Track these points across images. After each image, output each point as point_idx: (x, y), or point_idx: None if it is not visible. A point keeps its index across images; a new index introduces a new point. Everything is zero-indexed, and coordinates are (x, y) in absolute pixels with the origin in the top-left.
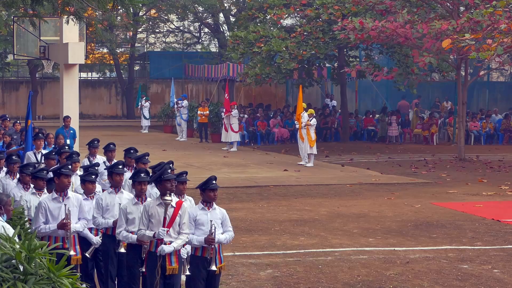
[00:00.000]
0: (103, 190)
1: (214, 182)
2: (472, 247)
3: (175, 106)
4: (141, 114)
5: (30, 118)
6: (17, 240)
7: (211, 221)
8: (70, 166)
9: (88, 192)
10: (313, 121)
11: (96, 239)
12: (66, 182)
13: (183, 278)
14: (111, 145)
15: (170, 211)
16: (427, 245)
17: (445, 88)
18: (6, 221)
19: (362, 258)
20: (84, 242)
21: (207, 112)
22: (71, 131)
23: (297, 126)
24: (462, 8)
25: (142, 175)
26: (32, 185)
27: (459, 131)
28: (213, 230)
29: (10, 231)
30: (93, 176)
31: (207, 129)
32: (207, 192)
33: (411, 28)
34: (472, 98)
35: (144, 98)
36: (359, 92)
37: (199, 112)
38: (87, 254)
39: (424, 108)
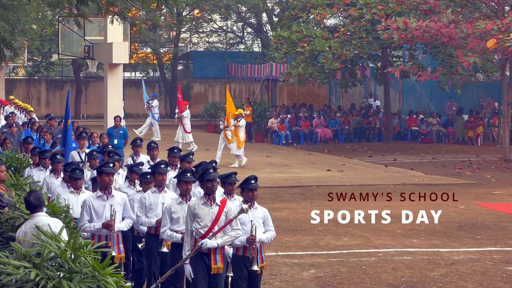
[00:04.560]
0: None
1: (253, 182)
2: None
3: (146, 106)
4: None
5: (69, 118)
6: (64, 237)
7: (251, 221)
8: (111, 164)
9: (146, 190)
10: (242, 122)
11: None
12: (108, 180)
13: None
14: (153, 144)
15: (242, 215)
16: (471, 247)
17: (490, 89)
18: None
19: (405, 259)
20: (127, 240)
21: (248, 112)
22: (121, 131)
23: (221, 126)
24: (507, 8)
25: (188, 174)
26: None
27: (504, 131)
28: (253, 230)
29: (57, 224)
30: (149, 177)
31: (251, 128)
32: (246, 192)
33: (455, 28)
34: None
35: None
36: (402, 92)
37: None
38: (139, 246)
39: (467, 108)
